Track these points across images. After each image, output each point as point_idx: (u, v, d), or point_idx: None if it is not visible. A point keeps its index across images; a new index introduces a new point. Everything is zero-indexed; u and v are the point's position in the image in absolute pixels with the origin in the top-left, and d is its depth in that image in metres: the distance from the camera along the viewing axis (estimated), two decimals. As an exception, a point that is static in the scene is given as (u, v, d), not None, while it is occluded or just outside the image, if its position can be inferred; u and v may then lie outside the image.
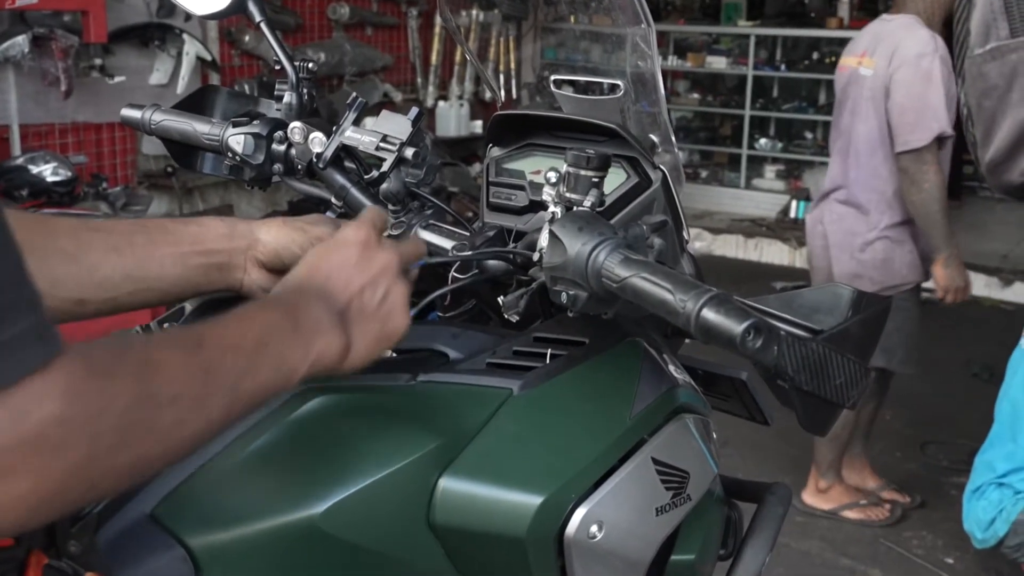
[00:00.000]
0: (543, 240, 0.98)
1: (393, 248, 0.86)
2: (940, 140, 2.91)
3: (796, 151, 7.26)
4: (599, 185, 1.00)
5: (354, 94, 1.24)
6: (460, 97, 6.81)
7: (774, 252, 6.61)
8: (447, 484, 0.88)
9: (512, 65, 6.74)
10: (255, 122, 1.26)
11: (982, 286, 5.67)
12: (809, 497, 3.34)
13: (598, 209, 1.01)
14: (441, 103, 6.71)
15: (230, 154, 1.26)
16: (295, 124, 1.23)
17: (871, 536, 3.22)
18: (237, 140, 1.25)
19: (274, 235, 1.00)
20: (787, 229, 6.64)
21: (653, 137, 1.35)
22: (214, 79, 4.89)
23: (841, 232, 3.12)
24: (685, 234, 1.27)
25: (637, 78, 1.40)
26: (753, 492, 1.29)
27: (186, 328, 0.70)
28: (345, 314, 0.81)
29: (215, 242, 0.98)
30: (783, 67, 7.32)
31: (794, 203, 6.85)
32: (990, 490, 2.62)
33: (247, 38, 5.29)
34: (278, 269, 0.99)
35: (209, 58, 4.86)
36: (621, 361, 1.03)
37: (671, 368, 1.09)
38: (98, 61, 4.36)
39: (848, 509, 3.30)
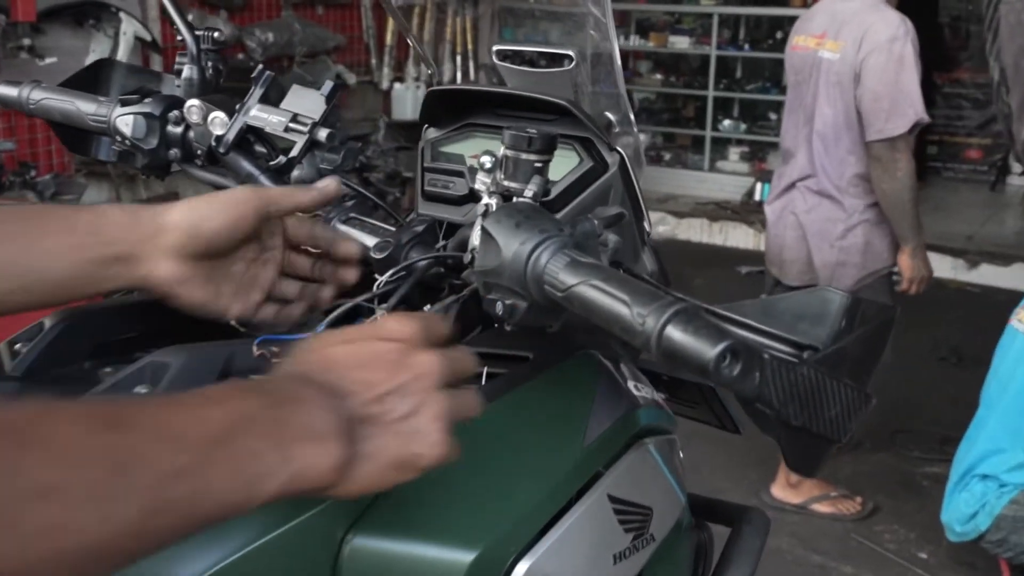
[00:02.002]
0: (475, 238, 0.82)
1: (442, 356, 0.66)
2: (914, 127, 2.79)
3: (760, 132, 7.16)
4: (543, 171, 0.84)
5: (260, 66, 1.07)
6: (416, 79, 6.60)
7: (739, 235, 6.50)
8: (357, 542, 0.72)
9: (469, 46, 6.55)
10: (147, 100, 1.09)
11: (948, 268, 5.60)
12: (778, 491, 3.23)
13: (542, 200, 0.85)
14: (397, 85, 6.50)
15: (118, 137, 1.09)
16: (192, 102, 1.06)
17: (842, 531, 3.11)
18: (125, 121, 1.08)
19: (183, 213, 0.82)
20: (752, 212, 6.53)
21: (610, 115, 1.19)
22: (155, 61, 4.65)
23: (819, 221, 3.00)
24: (646, 225, 1.11)
25: (591, 52, 1.25)
26: (725, 514, 1.14)
27: (110, 401, 0.54)
28: (356, 422, 0.62)
29: (114, 231, 0.80)
30: (747, 47, 7.21)
31: (759, 185, 6.75)
32: (973, 482, 2.52)
33: (190, 17, 5.05)
34: (199, 254, 0.82)
35: (149, 38, 4.61)
36: (572, 380, 0.87)
37: (631, 384, 0.93)
38: (27, 41, 4.10)
39: (818, 502, 3.19)
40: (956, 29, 7.44)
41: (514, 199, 0.83)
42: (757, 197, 6.70)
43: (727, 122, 7.28)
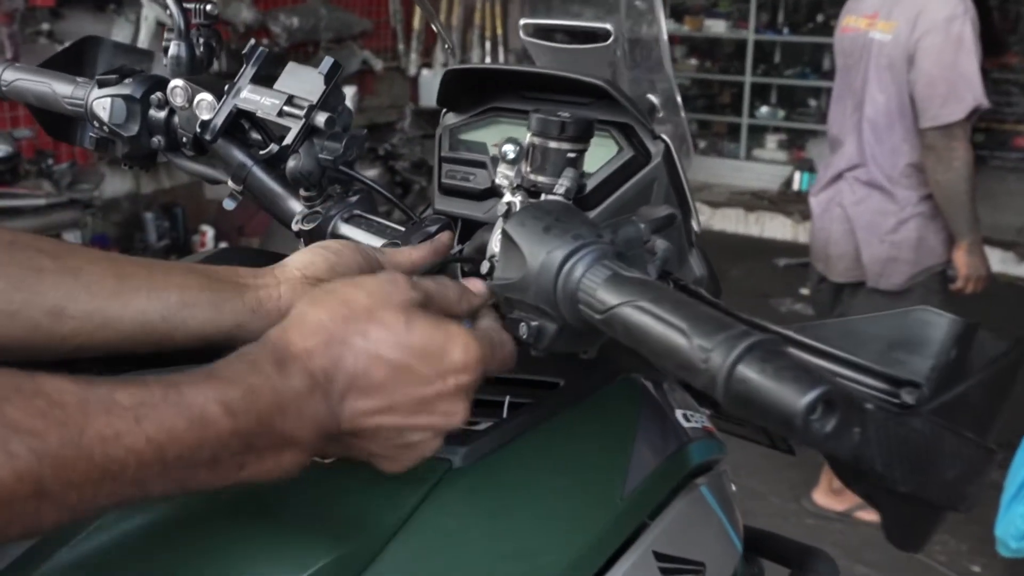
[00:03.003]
0: (495, 243, 0.69)
1: (469, 404, 0.60)
2: (972, 113, 2.61)
3: (799, 120, 6.95)
4: (577, 162, 0.70)
5: (252, 41, 0.93)
6: (445, 65, 6.46)
7: (776, 226, 6.31)
8: None
9: (498, 31, 6.40)
10: (127, 81, 0.96)
11: (997, 261, 5.36)
12: (821, 497, 3.08)
13: (576, 197, 0.71)
14: (425, 71, 6.37)
15: (95, 123, 0.97)
16: (176, 82, 0.93)
17: (889, 541, 2.94)
18: (103, 104, 0.95)
19: (300, 255, 0.74)
20: (790, 202, 6.33)
21: (652, 98, 1.05)
22: (179, 46, 4.53)
23: (868, 214, 2.82)
24: (694, 224, 0.97)
25: (631, 27, 1.10)
26: (783, 553, 1.00)
27: (87, 390, 0.47)
28: (341, 431, 0.56)
29: (237, 267, 0.72)
30: (785, 31, 7.00)
31: (797, 174, 6.56)
32: (1032, 494, 2.35)
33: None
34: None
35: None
36: (610, 412, 0.74)
37: (679, 414, 0.79)
38: (46, 26, 4.00)
39: (864, 510, 3.03)
40: (1005, 12, 7.18)
41: (542, 197, 0.69)
42: (795, 187, 6.51)
43: (764, 109, 7.09)
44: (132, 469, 0.46)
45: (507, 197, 0.69)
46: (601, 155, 0.91)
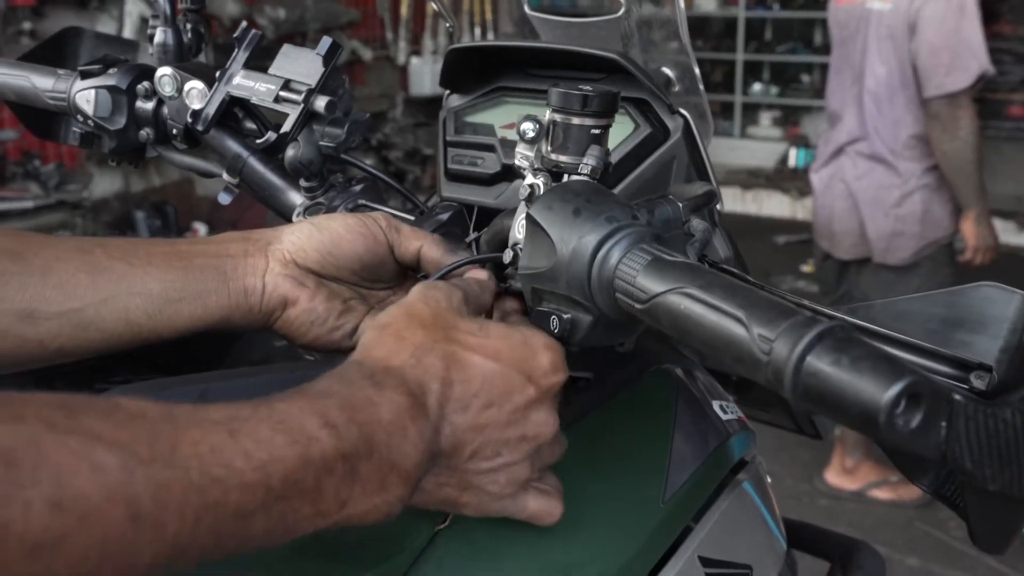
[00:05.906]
0: (518, 230, 0.63)
1: (557, 422, 0.56)
2: (977, 80, 2.56)
3: (793, 96, 6.91)
4: (602, 139, 0.65)
5: (244, 24, 0.88)
6: (435, 52, 6.39)
7: (774, 204, 6.27)
8: None
9: (488, 16, 6.32)
10: (111, 71, 0.90)
11: (996, 231, 5.34)
12: (834, 477, 3.05)
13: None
14: (414, 59, 6.29)
15: (79, 117, 0.91)
16: (164, 70, 0.87)
17: (905, 519, 2.91)
18: (86, 97, 0.90)
19: (294, 233, 0.69)
20: (786, 179, 6.29)
21: (667, 71, 0.99)
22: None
23: (872, 188, 2.77)
24: (717, 204, 0.92)
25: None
26: (822, 546, 0.95)
27: (161, 414, 0.41)
28: (443, 453, 0.52)
29: (226, 245, 0.68)
30: (776, 7, 6.93)
31: (792, 151, 6.51)
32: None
33: (198, -5, 4.86)
34: (318, 268, 0.68)
35: (156, 18, 4.43)
36: (645, 408, 0.68)
37: (716, 406, 0.74)
38: (27, 25, 3.93)
39: (877, 488, 3.00)
40: (996, -20, 7.12)
41: (565, 177, 0.63)
42: (791, 163, 6.46)
43: (757, 86, 7.03)
44: (235, 494, 0.40)
45: (529, 179, 0.64)
46: (617, 133, 0.86)
